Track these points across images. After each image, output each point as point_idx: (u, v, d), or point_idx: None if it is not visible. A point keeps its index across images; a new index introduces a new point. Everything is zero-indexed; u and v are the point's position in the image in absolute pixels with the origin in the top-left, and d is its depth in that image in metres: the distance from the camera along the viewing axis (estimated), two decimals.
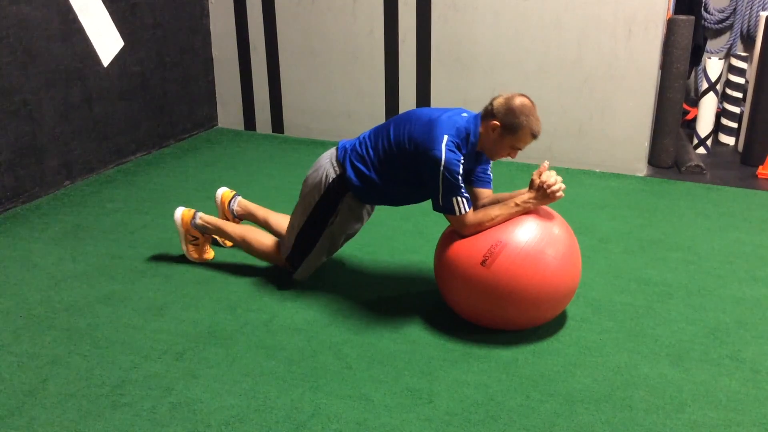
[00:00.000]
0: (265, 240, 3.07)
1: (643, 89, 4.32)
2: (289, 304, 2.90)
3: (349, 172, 2.77)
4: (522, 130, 2.52)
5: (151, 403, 2.29)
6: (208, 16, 5.12)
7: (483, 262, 2.50)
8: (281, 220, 3.18)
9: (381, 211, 3.81)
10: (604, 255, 3.36)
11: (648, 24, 4.17)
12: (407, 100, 4.83)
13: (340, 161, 2.81)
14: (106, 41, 4.28)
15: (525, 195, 2.57)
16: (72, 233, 3.53)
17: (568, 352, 2.59)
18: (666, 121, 4.50)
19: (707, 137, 4.88)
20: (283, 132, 5.27)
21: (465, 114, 2.65)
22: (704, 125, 4.86)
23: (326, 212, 2.86)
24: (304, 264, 2.97)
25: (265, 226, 3.24)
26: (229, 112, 5.38)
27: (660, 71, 4.41)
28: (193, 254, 3.20)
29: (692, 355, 2.58)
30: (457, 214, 2.57)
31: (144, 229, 3.55)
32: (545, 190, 2.54)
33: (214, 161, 4.66)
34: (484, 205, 2.69)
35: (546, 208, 2.67)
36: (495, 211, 2.57)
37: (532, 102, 2.55)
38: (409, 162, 2.64)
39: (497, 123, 2.53)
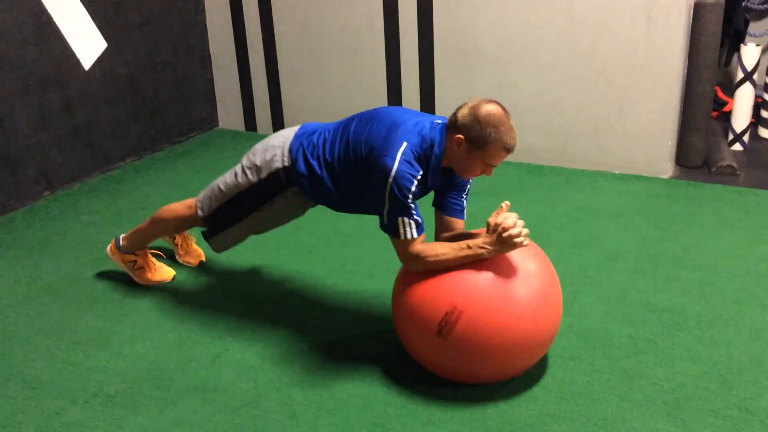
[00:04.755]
0: (175, 207, 2.82)
1: (667, 82, 3.88)
2: (246, 334, 2.63)
3: (300, 166, 2.44)
4: (491, 144, 2.15)
5: None
6: (204, 11, 4.86)
7: (439, 333, 2.14)
8: None
9: (364, 221, 3.51)
10: (609, 275, 2.98)
11: (670, 9, 3.73)
12: (410, 96, 4.49)
13: (293, 152, 2.47)
14: (86, 43, 4.06)
15: (480, 239, 2.17)
16: (37, 250, 3.33)
17: (548, 398, 2.25)
18: (694, 117, 4.05)
19: (744, 132, 4.40)
20: None
21: (438, 121, 2.30)
22: (740, 119, 4.38)
23: (260, 199, 2.56)
24: (221, 236, 2.70)
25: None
26: (229, 112, 5.13)
27: (687, 61, 3.97)
28: (146, 278, 2.95)
29: (693, 403, 2.20)
30: (402, 238, 2.21)
31: None
32: (502, 235, 2.14)
33: (207, 166, 4.42)
34: (449, 239, 2.30)
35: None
36: (442, 249, 2.18)
37: (504, 109, 2.18)
38: (363, 167, 2.30)
39: (461, 137, 2.18)
